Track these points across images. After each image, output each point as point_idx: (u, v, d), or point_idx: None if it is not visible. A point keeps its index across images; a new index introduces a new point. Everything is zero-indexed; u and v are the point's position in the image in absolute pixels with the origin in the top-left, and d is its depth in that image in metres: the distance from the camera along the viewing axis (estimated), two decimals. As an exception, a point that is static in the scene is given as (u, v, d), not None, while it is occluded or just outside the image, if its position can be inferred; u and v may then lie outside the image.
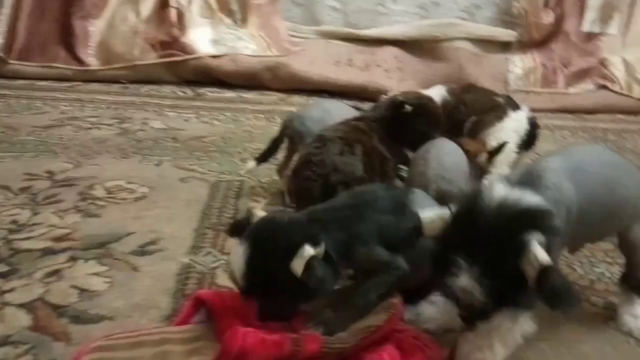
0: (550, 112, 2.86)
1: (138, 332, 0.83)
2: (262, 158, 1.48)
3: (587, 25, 3.13)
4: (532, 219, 0.71)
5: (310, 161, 1.12)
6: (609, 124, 2.77)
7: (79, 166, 1.59)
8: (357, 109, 1.48)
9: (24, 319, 0.91)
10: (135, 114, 2.23)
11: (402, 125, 1.27)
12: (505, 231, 0.70)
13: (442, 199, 1.10)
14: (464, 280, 0.71)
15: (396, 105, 1.28)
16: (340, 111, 1.40)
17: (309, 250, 0.79)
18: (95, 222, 1.26)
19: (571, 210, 0.78)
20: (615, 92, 3.05)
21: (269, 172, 1.54)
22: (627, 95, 3.04)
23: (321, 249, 0.82)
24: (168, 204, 1.37)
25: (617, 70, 3.11)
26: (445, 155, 1.22)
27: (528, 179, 0.77)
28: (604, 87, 3.06)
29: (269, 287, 0.82)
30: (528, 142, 1.67)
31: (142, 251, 1.14)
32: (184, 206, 1.36)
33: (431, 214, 0.83)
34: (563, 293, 0.66)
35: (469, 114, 1.69)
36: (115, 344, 0.80)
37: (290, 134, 1.43)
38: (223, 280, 1.04)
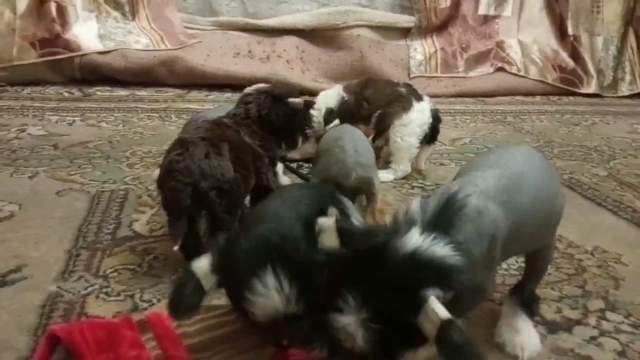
0: (452, 97, 2.91)
1: (-18, 384, 0.72)
2: None
3: (483, 8, 3.18)
4: (437, 275, 0.64)
5: (173, 169, 1.01)
6: (508, 106, 2.84)
7: None
8: None
9: None
10: (13, 120, 2.05)
11: (285, 122, 1.23)
12: (406, 284, 0.63)
13: (360, 186, 1.10)
14: (349, 320, 0.63)
15: (294, 107, 1.23)
16: None
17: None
18: (-54, 250, 1.11)
19: (497, 237, 0.73)
20: (513, 74, 3.13)
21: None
22: (524, 77, 3.13)
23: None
24: (39, 222, 1.24)
25: (514, 52, 3.20)
26: (358, 142, 1.21)
27: (446, 212, 0.68)
28: (502, 69, 3.13)
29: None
30: (431, 136, 1.65)
31: (1, 282, 1.01)
32: (58, 224, 1.23)
33: (330, 222, 0.71)
34: (464, 349, 0.60)
35: (373, 109, 1.65)
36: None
37: None
38: (95, 308, 0.94)
